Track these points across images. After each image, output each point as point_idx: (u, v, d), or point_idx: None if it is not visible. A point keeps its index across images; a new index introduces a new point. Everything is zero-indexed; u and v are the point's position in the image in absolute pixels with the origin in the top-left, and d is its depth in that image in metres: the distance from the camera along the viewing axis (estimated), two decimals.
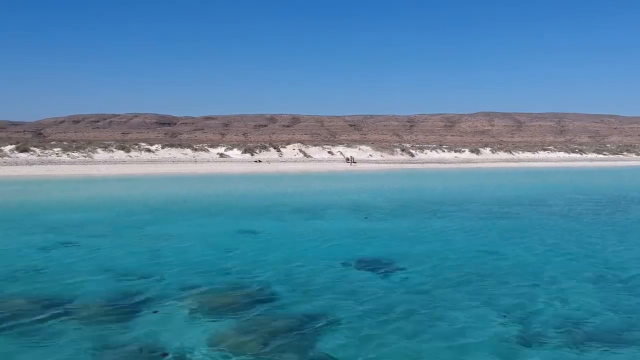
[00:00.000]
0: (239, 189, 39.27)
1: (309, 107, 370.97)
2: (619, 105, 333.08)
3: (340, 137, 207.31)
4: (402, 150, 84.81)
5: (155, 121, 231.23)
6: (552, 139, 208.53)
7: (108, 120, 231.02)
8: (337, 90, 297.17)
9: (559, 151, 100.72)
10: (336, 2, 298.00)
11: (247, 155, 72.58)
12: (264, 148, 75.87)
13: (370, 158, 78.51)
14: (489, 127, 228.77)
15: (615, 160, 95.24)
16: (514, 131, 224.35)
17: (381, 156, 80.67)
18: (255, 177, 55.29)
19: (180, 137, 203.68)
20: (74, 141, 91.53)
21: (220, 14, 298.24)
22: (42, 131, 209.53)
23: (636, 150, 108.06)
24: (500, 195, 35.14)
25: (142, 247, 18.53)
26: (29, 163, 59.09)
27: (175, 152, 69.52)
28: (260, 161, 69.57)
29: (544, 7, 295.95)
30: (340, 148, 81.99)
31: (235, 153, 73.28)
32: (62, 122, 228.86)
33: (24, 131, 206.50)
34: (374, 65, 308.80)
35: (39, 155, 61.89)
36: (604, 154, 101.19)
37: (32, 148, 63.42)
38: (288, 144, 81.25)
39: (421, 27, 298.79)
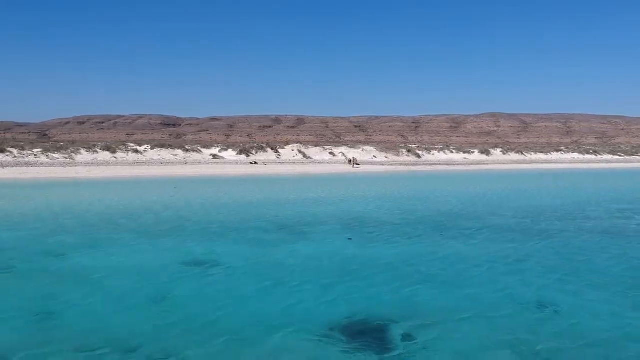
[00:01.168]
0: (220, 196, 32.91)
1: (314, 108, 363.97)
2: (625, 106, 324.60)
3: (345, 138, 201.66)
4: (408, 151, 78.21)
5: (160, 122, 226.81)
6: (558, 139, 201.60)
7: (113, 121, 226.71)
8: (342, 91, 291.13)
9: (572, 152, 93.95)
10: (338, 2, 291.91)
11: (243, 157, 66.28)
12: (261, 149, 69.47)
13: (375, 159, 72.05)
14: (495, 128, 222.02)
15: (632, 162, 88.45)
16: (520, 132, 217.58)
17: (386, 157, 74.18)
18: (247, 180, 48.98)
19: (185, 138, 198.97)
20: (77, 142, 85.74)
21: (224, 15, 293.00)
22: (47, 132, 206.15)
23: None
24: (528, 205, 28.65)
25: (27, 294, 12.15)
26: (2, 165, 53.00)
27: (164, 153, 63.30)
28: (256, 163, 63.27)
29: (547, 7, 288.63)
30: (343, 149, 75.54)
31: (230, 154, 66.99)
32: (67, 123, 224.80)
33: (29, 132, 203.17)
34: (378, 65, 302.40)
35: (15, 157, 55.78)
36: (619, 155, 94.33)
37: (9, 149, 57.30)
38: (287, 144, 74.95)
39: (424, 28, 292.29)
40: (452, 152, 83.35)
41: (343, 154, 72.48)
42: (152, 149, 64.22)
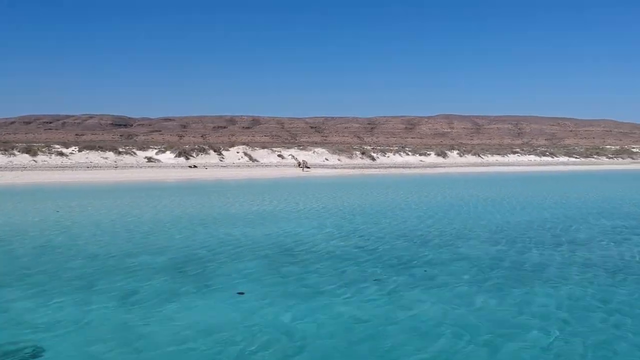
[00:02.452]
0: (129, 211, 25.84)
1: (269, 108, 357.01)
2: (574, 108, 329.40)
3: (301, 139, 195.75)
4: (362, 153, 72.36)
5: (110, 122, 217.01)
6: (510, 141, 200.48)
7: (61, 121, 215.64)
8: (297, 91, 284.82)
9: (528, 154, 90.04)
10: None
11: (182, 159, 59.18)
12: (203, 151, 62.36)
13: (326, 162, 65.83)
14: (449, 130, 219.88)
15: (588, 164, 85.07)
16: (473, 134, 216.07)
17: (339, 160, 68.11)
18: (180, 187, 42.20)
19: (137, 139, 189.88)
20: None
21: (174, 9, 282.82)
22: None
23: (605, 153, 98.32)
24: (504, 222, 22.90)
25: None
26: None
27: (93, 156, 55.59)
28: (195, 166, 56.23)
29: (496, 8, 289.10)
30: (293, 151, 69.15)
31: (168, 157, 59.72)
32: (12, 122, 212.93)
33: None
34: (334, 67, 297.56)
35: None
36: (575, 157, 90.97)
37: None
38: (232, 146, 68.05)
39: (378, 28, 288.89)
40: (407, 154, 78.00)
41: (293, 157, 66.15)
42: (80, 151, 56.35)
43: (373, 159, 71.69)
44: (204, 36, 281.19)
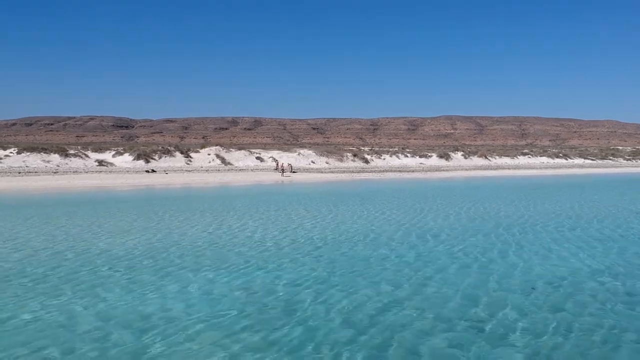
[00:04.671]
0: None
1: (271, 110, 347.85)
2: (578, 109, 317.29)
3: (303, 140, 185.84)
4: (354, 155, 61.59)
5: (112, 124, 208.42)
6: (513, 142, 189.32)
7: (63, 122, 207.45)
8: (300, 92, 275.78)
9: (539, 156, 78.89)
10: (292, 3, 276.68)
11: (141, 163, 48.89)
12: (167, 153, 51.83)
13: (312, 166, 55.18)
14: (452, 131, 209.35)
15: (606, 167, 73.85)
16: (476, 134, 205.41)
17: (327, 163, 57.41)
18: (113, 199, 31.62)
19: (138, 140, 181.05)
20: None
21: (178, 13, 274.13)
22: None
23: (622, 154, 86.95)
24: (552, 279, 12.21)
25: None
26: None
27: (34, 159, 45.33)
28: (154, 171, 45.77)
29: (502, 12, 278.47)
30: (274, 153, 58.56)
31: (125, 160, 49.36)
32: (14, 124, 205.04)
33: None
34: (337, 67, 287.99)
35: None
36: (591, 159, 79.71)
37: None
38: (203, 147, 57.49)
39: (384, 32, 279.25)
40: (406, 156, 67.14)
41: (273, 159, 55.59)
42: (18, 153, 46.27)
43: (367, 161, 60.83)
44: (205, 37, 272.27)
